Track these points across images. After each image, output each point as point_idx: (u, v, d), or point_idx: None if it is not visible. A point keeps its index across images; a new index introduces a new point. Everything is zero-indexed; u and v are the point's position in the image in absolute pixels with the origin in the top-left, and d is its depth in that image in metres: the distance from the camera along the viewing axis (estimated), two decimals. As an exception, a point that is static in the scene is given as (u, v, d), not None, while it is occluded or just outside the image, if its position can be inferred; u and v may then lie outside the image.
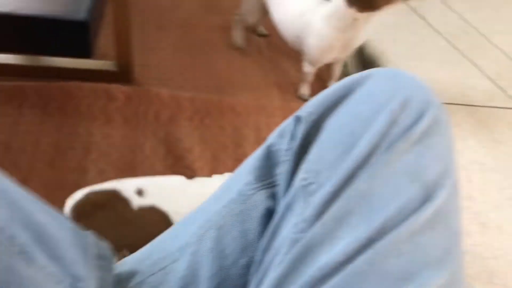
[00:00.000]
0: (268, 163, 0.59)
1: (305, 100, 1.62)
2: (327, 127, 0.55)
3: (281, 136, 0.59)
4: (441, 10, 2.13)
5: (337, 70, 1.61)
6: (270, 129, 1.61)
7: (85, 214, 0.92)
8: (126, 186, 0.95)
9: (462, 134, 1.61)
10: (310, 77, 1.59)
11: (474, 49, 1.96)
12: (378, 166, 0.50)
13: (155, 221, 0.94)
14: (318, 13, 1.43)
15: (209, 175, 1.34)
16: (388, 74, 0.57)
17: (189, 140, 1.42)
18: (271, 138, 0.61)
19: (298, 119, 0.57)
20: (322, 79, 1.70)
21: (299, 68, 1.67)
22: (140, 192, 0.94)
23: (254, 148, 0.63)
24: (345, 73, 1.74)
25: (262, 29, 1.81)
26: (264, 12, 1.67)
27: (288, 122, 0.60)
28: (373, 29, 1.94)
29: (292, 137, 0.57)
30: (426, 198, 0.50)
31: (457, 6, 2.17)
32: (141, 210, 0.94)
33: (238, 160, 1.38)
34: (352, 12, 1.35)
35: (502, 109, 1.72)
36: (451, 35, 2.00)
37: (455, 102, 1.71)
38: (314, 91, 1.65)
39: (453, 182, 0.53)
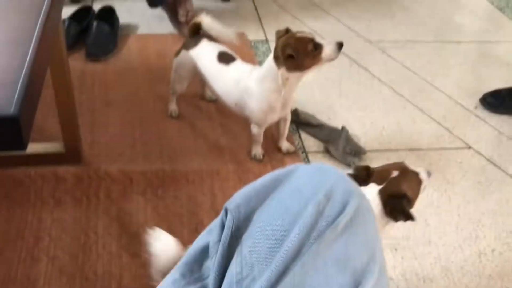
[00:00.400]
0: (198, 257, 0.60)
1: (259, 160, 1.63)
2: (258, 219, 0.57)
3: (211, 230, 0.61)
4: (382, 59, 2.22)
5: (284, 127, 1.64)
6: (225, 194, 1.60)
7: None
8: None
9: (415, 179, 1.64)
10: (260, 138, 1.61)
11: (417, 94, 2.03)
12: (309, 257, 0.53)
13: None
14: (253, 78, 1.48)
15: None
16: (312, 167, 0.61)
17: (142, 215, 1.40)
18: (201, 233, 0.63)
19: (227, 212, 0.59)
20: (273, 138, 1.72)
21: (249, 130, 1.69)
22: None
23: (210, 215, 0.64)
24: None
25: (210, 95, 1.84)
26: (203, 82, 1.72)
27: (218, 217, 0.61)
28: (320, 84, 2.01)
29: (222, 230, 0.58)
30: (356, 284, 0.52)
31: (396, 55, 2.26)
32: None
33: (194, 230, 1.36)
34: (282, 72, 1.40)
35: (450, 150, 1.77)
36: (394, 83, 2.08)
37: (404, 148, 1.76)
38: (267, 150, 1.67)
39: (380, 265, 0.56)
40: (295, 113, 1.81)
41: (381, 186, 1.10)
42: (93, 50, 1.99)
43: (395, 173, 1.12)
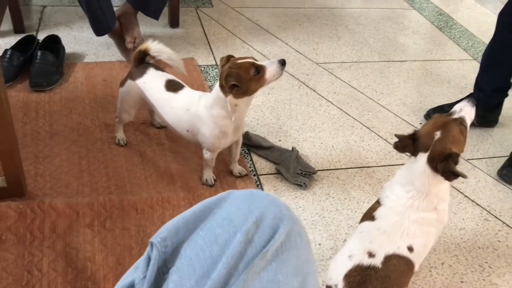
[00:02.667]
0: None
1: (210, 185, 1.62)
2: (185, 251, 0.56)
3: (137, 266, 0.59)
4: (329, 80, 2.27)
5: (236, 150, 1.64)
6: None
7: None
8: (359, 256, 1.14)
9: (365, 196, 1.66)
10: (212, 163, 1.60)
11: (364, 113, 2.08)
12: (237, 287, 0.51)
13: (398, 263, 1.14)
14: (202, 104, 1.48)
15: (114, 283, 1.27)
16: (243, 194, 0.60)
17: (90, 248, 1.35)
18: (128, 271, 0.61)
19: (152, 246, 0.57)
20: (224, 161, 1.71)
21: (201, 155, 1.67)
22: (370, 254, 1.14)
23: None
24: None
25: (159, 121, 1.82)
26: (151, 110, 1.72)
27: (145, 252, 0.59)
28: (270, 106, 2.03)
29: (148, 265, 0.56)
30: None
31: (343, 76, 2.32)
32: (383, 264, 1.13)
33: (144, 261, 1.32)
34: (230, 99, 1.40)
35: (398, 166, 1.81)
36: (342, 103, 2.12)
37: (354, 166, 1.79)
38: (219, 174, 1.66)
39: None
40: (246, 136, 1.81)
41: (427, 154, 1.17)
42: (37, 80, 1.94)
43: (437, 134, 1.17)
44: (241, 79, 1.35)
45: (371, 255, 1.14)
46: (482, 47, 2.74)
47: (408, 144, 1.20)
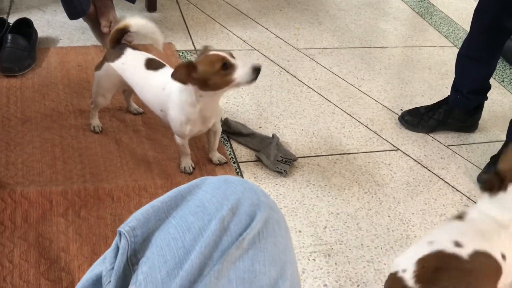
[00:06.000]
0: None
1: (188, 173, 1.58)
2: (156, 241, 0.53)
3: (105, 257, 0.55)
4: (310, 66, 2.24)
5: (214, 140, 1.59)
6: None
7: (431, 280, 0.97)
8: (442, 243, 1.01)
9: (346, 183, 1.65)
10: (186, 149, 1.56)
11: (345, 99, 2.06)
12: (211, 278, 0.49)
13: (486, 262, 1.00)
14: (176, 86, 1.43)
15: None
16: (218, 181, 0.57)
17: (63, 238, 1.31)
18: (96, 262, 0.57)
19: (120, 235, 0.53)
20: (204, 148, 1.68)
21: (178, 142, 1.63)
22: (457, 244, 1.00)
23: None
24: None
25: (136, 107, 1.77)
26: (130, 92, 1.68)
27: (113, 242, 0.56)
28: (250, 92, 1.99)
29: (116, 255, 0.53)
30: None
31: (324, 62, 2.29)
32: (470, 257, 0.99)
33: (120, 251, 1.29)
34: (196, 89, 1.36)
35: (379, 153, 1.80)
36: (322, 89, 2.10)
37: (335, 153, 1.77)
38: (198, 162, 1.62)
39: (291, 282, 0.53)
40: (226, 123, 1.77)
41: None
42: (8, 64, 1.87)
43: None
44: (205, 71, 1.31)
45: (458, 244, 1.01)
46: (462, 33, 2.74)
47: (496, 182, 1.11)
